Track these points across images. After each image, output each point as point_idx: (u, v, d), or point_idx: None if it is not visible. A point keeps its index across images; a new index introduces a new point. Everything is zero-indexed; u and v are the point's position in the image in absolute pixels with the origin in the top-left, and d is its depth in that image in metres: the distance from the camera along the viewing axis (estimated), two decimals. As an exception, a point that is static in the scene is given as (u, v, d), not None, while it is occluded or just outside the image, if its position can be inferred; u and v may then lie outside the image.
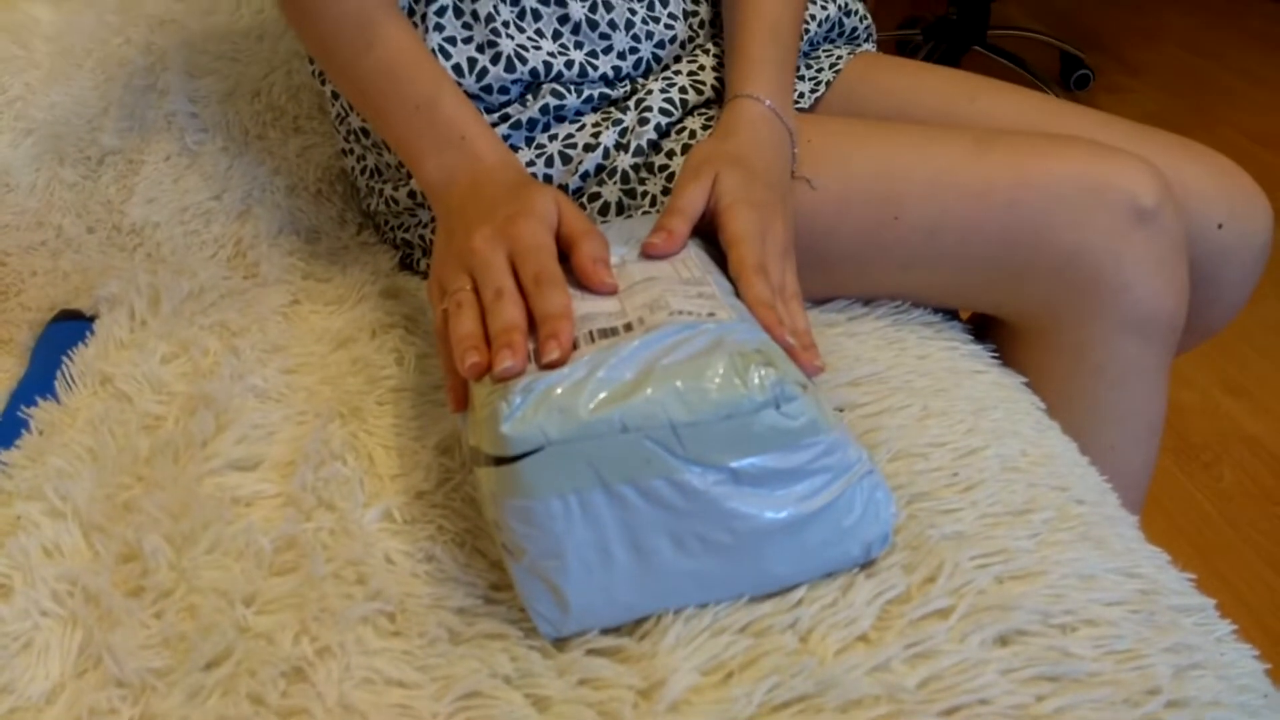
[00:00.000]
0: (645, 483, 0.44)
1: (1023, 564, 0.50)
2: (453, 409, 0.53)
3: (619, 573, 0.46)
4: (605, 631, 0.48)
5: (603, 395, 0.44)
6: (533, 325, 0.49)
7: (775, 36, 0.71)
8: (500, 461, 0.44)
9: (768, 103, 0.67)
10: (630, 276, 0.52)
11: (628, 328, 0.47)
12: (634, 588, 0.47)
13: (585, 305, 0.50)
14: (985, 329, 0.76)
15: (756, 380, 0.45)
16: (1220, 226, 0.75)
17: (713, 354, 0.45)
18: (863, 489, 0.48)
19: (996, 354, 0.71)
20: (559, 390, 0.44)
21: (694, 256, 0.55)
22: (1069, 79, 2.25)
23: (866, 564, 0.50)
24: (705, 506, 0.45)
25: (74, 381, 0.67)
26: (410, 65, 0.65)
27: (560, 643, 0.48)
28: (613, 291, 0.51)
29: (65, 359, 0.69)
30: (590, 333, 0.48)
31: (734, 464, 0.45)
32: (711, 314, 0.48)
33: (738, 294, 0.54)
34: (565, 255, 0.54)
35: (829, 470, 0.47)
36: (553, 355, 0.46)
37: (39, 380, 0.68)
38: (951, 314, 0.74)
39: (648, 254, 0.55)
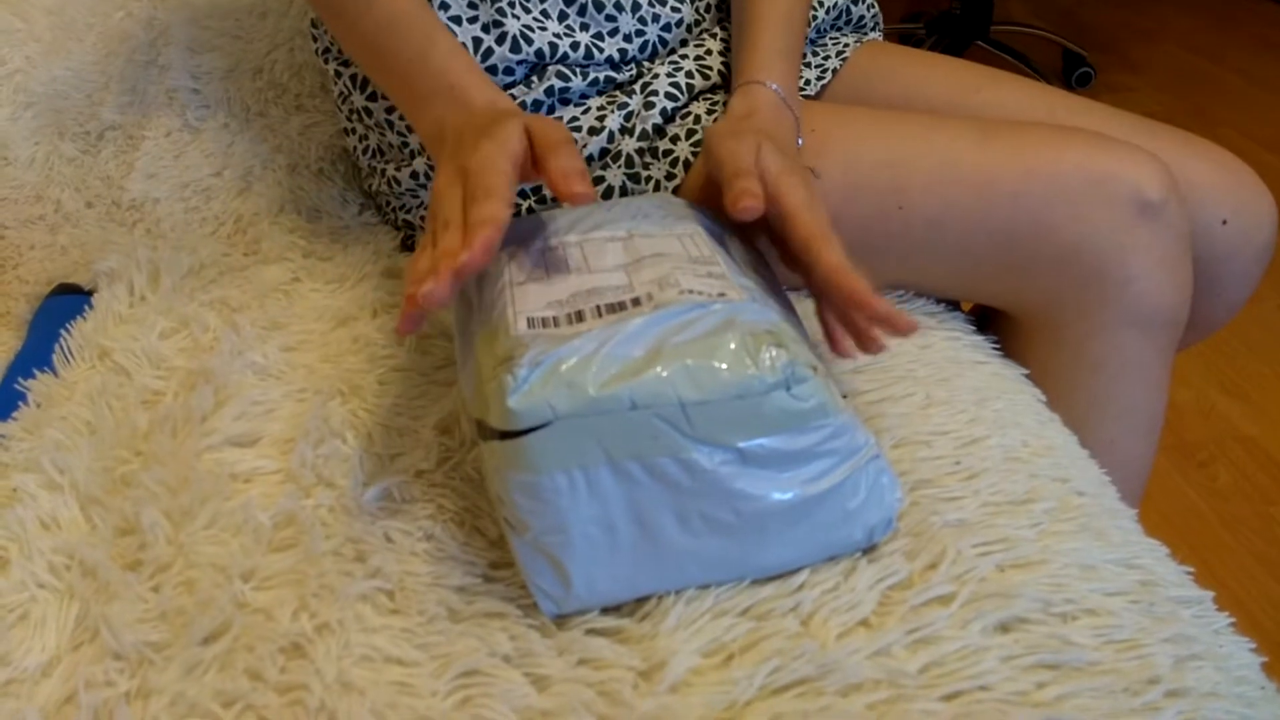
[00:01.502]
0: (652, 460, 0.44)
1: (1024, 553, 0.50)
2: (398, 330, 0.50)
3: (622, 550, 0.46)
4: (605, 612, 0.48)
5: (612, 371, 0.44)
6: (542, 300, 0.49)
7: (788, 27, 0.70)
8: (506, 435, 0.44)
9: (779, 90, 0.67)
10: (638, 251, 0.52)
11: (635, 302, 0.47)
12: (637, 565, 0.46)
13: (593, 279, 0.50)
14: (987, 320, 0.76)
15: (768, 361, 0.44)
16: (1225, 223, 0.75)
17: (724, 334, 0.45)
18: (868, 473, 0.48)
19: (998, 345, 0.71)
20: (567, 365, 0.44)
21: (703, 234, 0.55)
22: (1070, 76, 2.25)
23: (869, 549, 0.50)
24: (711, 486, 0.45)
25: (72, 355, 0.66)
26: (403, 18, 0.64)
27: (560, 622, 0.48)
28: (586, 201, 0.50)
29: (63, 332, 0.68)
30: (598, 307, 0.47)
31: (742, 444, 0.45)
32: (722, 294, 0.48)
33: (751, 271, 0.54)
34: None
35: (836, 453, 0.46)
36: (462, 257, 0.46)
37: (36, 353, 0.67)
38: (954, 305, 0.74)
39: (742, 217, 0.54)
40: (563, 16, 0.72)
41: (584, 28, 0.73)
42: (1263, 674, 0.49)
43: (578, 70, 0.72)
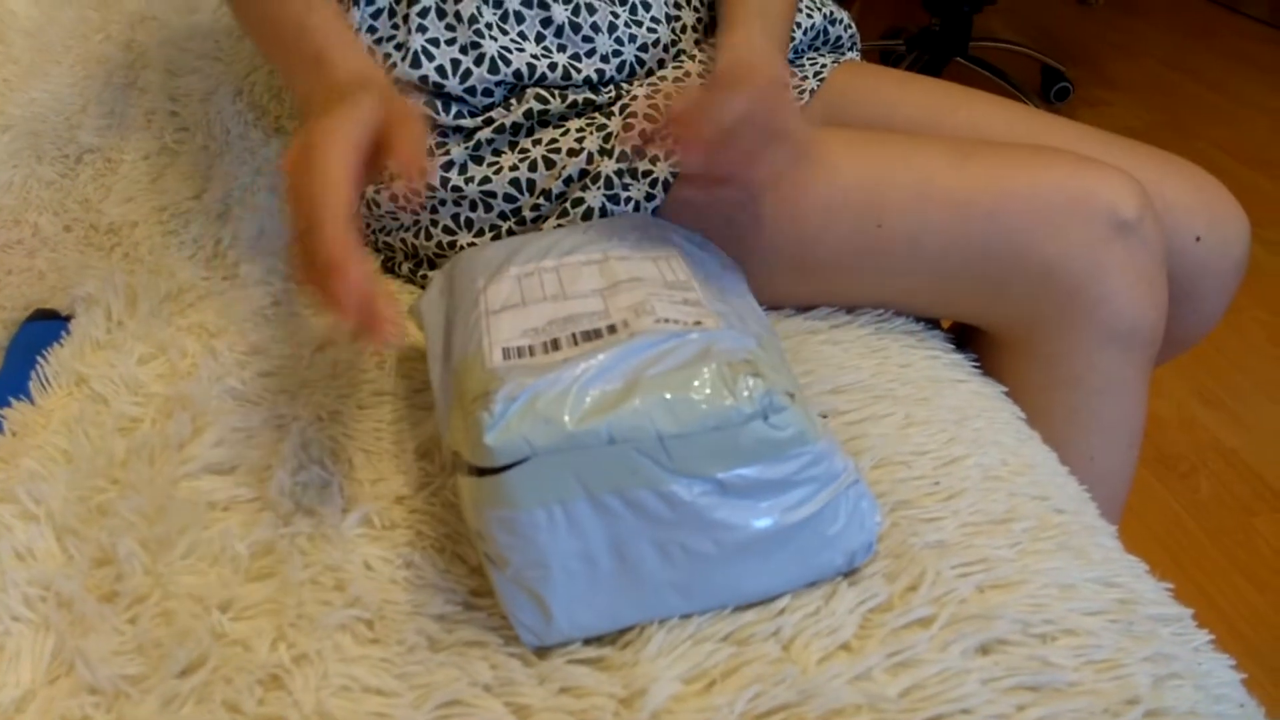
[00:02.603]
0: (631, 493, 0.44)
1: (1003, 573, 0.50)
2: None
3: (603, 582, 0.46)
4: (587, 640, 0.48)
5: (589, 405, 0.44)
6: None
7: (779, 18, 0.70)
8: (484, 472, 0.44)
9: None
10: (614, 275, 0.52)
11: (611, 330, 0.47)
12: (617, 597, 0.46)
13: (569, 305, 0.50)
14: (966, 338, 0.76)
15: (745, 392, 0.44)
16: (1198, 239, 0.75)
17: (700, 364, 0.45)
18: (848, 498, 0.48)
19: (977, 363, 0.71)
20: (543, 399, 0.44)
21: (679, 257, 0.55)
22: (1049, 91, 2.28)
23: (849, 572, 0.50)
24: (691, 517, 0.45)
25: (49, 382, 0.66)
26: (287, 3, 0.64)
27: (541, 651, 0.48)
28: (422, 174, 0.50)
29: (40, 359, 0.68)
30: (574, 334, 0.47)
31: (720, 475, 0.45)
32: (698, 322, 0.48)
33: (729, 294, 0.54)
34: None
35: (815, 480, 0.46)
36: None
37: (13, 380, 0.67)
38: (933, 323, 0.75)
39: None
40: (540, 38, 0.72)
41: (561, 49, 0.73)
42: (1242, 690, 0.49)
43: (556, 92, 0.72)
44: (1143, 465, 1.29)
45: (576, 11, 0.73)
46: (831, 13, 0.86)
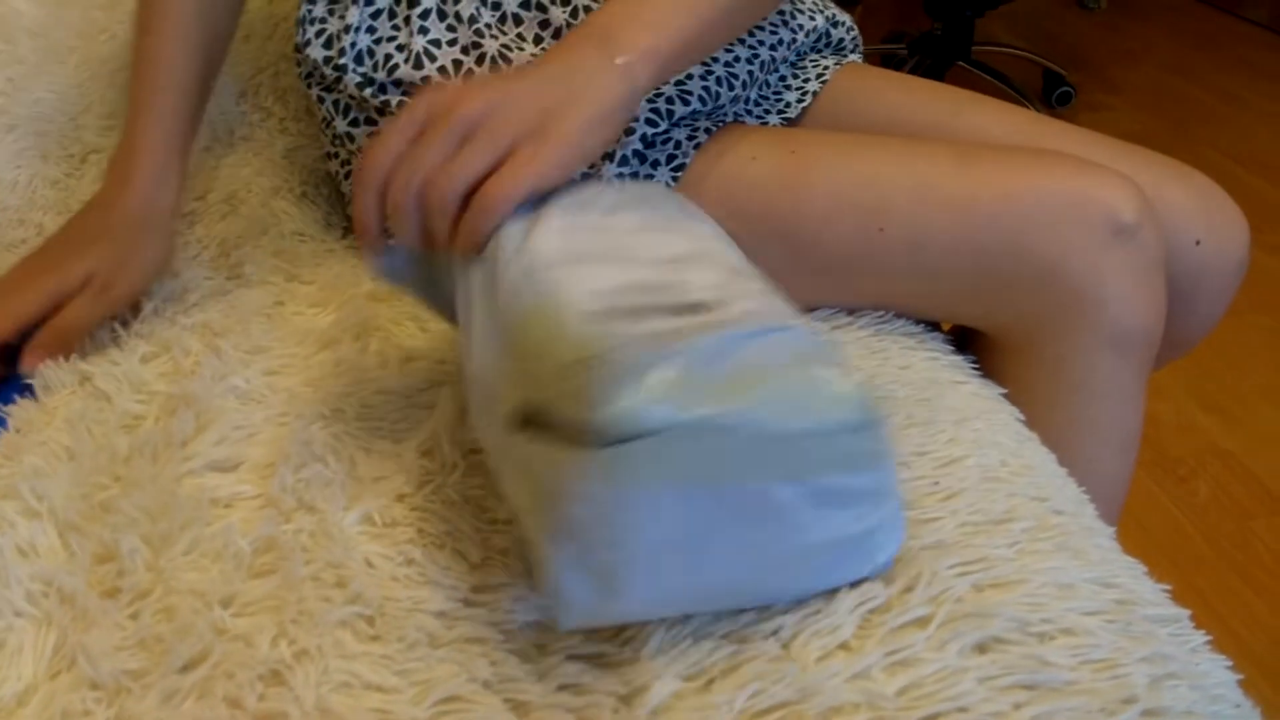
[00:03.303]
0: (725, 486, 0.43)
1: (1002, 573, 0.51)
2: None
3: (673, 572, 0.44)
4: (587, 637, 0.48)
5: (702, 391, 0.42)
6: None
7: None
8: (587, 442, 0.41)
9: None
10: (671, 247, 0.49)
11: (704, 308, 0.45)
12: (679, 588, 0.45)
13: (641, 271, 0.47)
14: (966, 341, 0.77)
15: (852, 400, 0.44)
16: (1198, 243, 0.76)
17: (808, 366, 0.44)
18: (897, 517, 0.49)
19: (977, 365, 0.72)
20: (662, 377, 0.42)
21: (725, 237, 0.53)
22: (1051, 96, 2.28)
23: (849, 576, 0.51)
24: (777, 518, 0.44)
25: (52, 380, 0.66)
26: (150, 62, 0.71)
27: (541, 647, 0.48)
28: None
29: (44, 357, 0.68)
30: (663, 306, 0.45)
31: (814, 480, 0.44)
32: (785, 317, 0.47)
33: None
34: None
35: (887, 494, 0.47)
36: None
37: (17, 378, 0.67)
38: (933, 325, 0.75)
39: None
40: (538, 40, 0.73)
41: (563, 52, 0.73)
42: (1239, 691, 0.49)
43: (559, 95, 0.72)
44: (1141, 469, 1.30)
45: (575, 15, 0.73)
46: (834, 15, 0.87)
